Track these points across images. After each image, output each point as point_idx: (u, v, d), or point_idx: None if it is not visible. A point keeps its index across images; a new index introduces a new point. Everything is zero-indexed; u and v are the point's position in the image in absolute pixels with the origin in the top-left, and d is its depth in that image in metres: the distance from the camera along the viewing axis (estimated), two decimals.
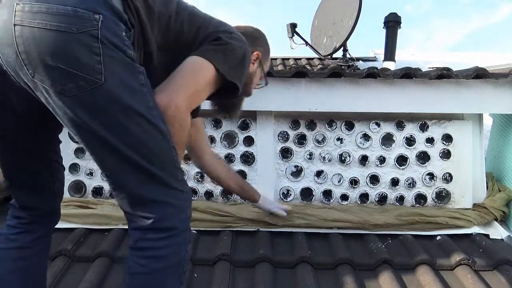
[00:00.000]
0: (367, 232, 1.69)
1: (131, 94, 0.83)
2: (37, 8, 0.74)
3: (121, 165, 0.85)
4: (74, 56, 0.75)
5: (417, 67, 1.74)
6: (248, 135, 1.85)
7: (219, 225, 1.70)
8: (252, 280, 1.41)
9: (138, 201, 0.88)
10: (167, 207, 0.89)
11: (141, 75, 0.85)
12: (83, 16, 0.75)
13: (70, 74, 0.76)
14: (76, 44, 0.75)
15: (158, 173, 0.87)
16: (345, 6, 2.52)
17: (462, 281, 1.42)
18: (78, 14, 0.75)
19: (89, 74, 0.77)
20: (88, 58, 0.76)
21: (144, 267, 0.88)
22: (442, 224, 1.70)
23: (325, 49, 2.76)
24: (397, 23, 2.57)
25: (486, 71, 1.70)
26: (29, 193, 1.06)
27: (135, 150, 0.84)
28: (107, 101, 0.80)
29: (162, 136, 0.88)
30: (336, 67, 1.75)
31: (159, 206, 0.88)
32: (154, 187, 0.88)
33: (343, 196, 1.85)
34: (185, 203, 0.94)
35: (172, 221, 0.90)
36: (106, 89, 0.79)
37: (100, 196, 1.85)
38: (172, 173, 0.91)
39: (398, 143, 1.85)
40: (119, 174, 0.87)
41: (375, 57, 3.35)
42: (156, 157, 0.88)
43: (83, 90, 0.77)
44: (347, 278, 1.40)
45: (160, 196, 0.88)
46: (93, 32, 0.76)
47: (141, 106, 0.84)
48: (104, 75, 0.78)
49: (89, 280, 1.36)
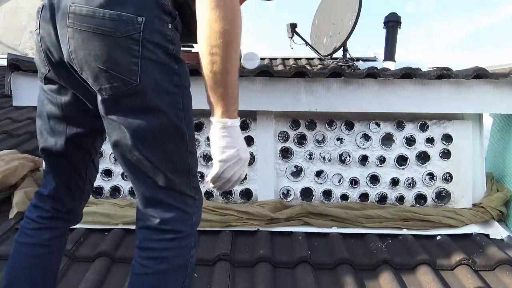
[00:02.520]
0: (367, 232, 1.69)
1: (163, 96, 0.85)
2: (85, 11, 0.80)
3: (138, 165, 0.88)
4: (114, 59, 0.81)
5: (417, 67, 1.74)
6: (248, 135, 1.85)
7: (219, 225, 1.70)
8: (252, 280, 1.41)
9: (148, 201, 0.91)
10: (175, 211, 0.90)
11: (176, 77, 0.88)
12: (127, 20, 0.80)
13: (109, 75, 0.81)
14: (118, 48, 0.80)
15: (172, 177, 0.89)
16: (345, 6, 2.52)
17: (462, 281, 1.42)
18: (122, 18, 0.80)
19: (125, 76, 0.81)
20: (126, 60, 0.81)
21: (146, 268, 0.89)
22: (435, 222, 1.70)
23: (325, 49, 2.76)
24: (397, 23, 2.58)
25: (486, 71, 1.70)
26: (61, 183, 1.06)
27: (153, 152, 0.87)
28: (140, 102, 0.84)
29: (182, 140, 0.90)
30: (336, 67, 1.75)
31: (167, 208, 0.90)
32: (166, 190, 0.90)
33: (343, 196, 1.85)
34: (194, 210, 0.95)
35: (178, 225, 0.91)
36: (140, 90, 0.83)
37: (100, 196, 1.85)
38: (186, 179, 0.93)
39: (398, 143, 1.85)
40: (137, 174, 0.90)
41: (375, 57, 3.35)
42: (173, 162, 0.89)
43: (119, 91, 0.82)
44: (347, 278, 1.41)
45: (170, 199, 0.90)
46: (135, 36, 0.80)
47: (170, 109, 0.87)
48: (140, 77, 0.82)
49: (89, 280, 1.36)
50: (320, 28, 2.95)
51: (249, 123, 1.85)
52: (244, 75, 1.71)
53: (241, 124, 1.83)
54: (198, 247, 0.91)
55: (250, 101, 1.76)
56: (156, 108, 0.85)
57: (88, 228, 1.69)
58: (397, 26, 2.60)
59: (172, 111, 0.88)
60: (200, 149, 1.85)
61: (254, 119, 1.84)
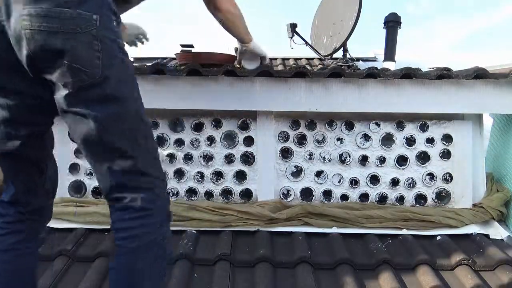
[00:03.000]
0: (367, 232, 1.69)
1: (123, 85, 0.95)
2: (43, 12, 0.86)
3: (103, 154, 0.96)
4: (78, 54, 0.87)
5: (417, 67, 1.74)
6: (248, 135, 1.85)
7: (219, 225, 1.70)
8: (252, 280, 1.41)
9: (118, 185, 0.97)
10: (143, 191, 0.98)
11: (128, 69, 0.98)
12: (86, 17, 0.87)
13: (74, 69, 0.87)
14: (80, 43, 0.87)
15: (138, 161, 0.97)
16: (345, 6, 2.52)
17: (462, 281, 1.42)
18: (81, 16, 0.87)
19: (89, 68, 0.89)
20: (89, 54, 0.88)
21: (120, 248, 0.97)
22: (435, 223, 1.70)
23: (325, 49, 2.76)
24: (397, 23, 2.58)
25: (486, 71, 1.70)
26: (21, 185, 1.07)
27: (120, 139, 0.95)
28: (103, 92, 0.91)
29: (145, 126, 1.00)
30: (336, 67, 1.75)
31: (136, 190, 0.97)
32: (134, 173, 0.97)
33: (343, 196, 1.85)
34: (160, 190, 1.02)
35: (146, 204, 0.98)
36: (103, 81, 0.91)
37: (100, 196, 1.85)
38: (151, 161, 1.01)
39: (398, 143, 1.85)
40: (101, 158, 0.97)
41: (375, 57, 3.35)
42: (138, 146, 0.97)
43: (83, 83, 0.89)
44: (347, 278, 1.41)
45: (138, 181, 0.98)
46: (93, 31, 0.89)
47: (131, 96, 0.97)
48: (102, 69, 0.90)
49: (89, 280, 1.37)
50: (320, 28, 2.95)
51: (249, 123, 1.85)
52: (245, 75, 1.71)
53: (241, 124, 1.84)
54: (198, 247, 0.92)
55: (250, 101, 1.76)
56: (118, 97, 0.93)
57: (88, 228, 1.69)
58: (397, 26, 2.59)
59: (132, 98, 0.97)
60: (200, 149, 1.85)
61: (254, 119, 1.84)
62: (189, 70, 1.68)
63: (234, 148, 1.85)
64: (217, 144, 1.85)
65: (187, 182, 1.85)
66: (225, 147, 1.86)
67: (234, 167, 1.85)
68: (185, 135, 1.86)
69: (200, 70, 1.68)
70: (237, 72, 1.69)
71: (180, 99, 1.75)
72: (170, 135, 1.85)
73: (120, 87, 0.94)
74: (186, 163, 1.85)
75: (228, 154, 1.85)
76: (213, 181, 1.84)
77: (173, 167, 1.85)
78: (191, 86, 1.74)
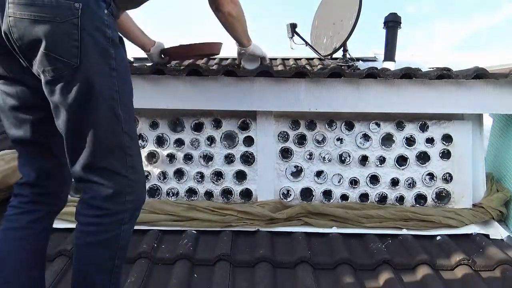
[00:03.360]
0: (367, 232, 1.69)
1: (100, 78, 0.94)
2: (24, 1, 0.86)
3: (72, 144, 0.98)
4: (56, 42, 0.88)
5: (417, 67, 1.74)
6: (248, 135, 1.85)
7: (219, 225, 1.70)
8: (252, 280, 1.41)
9: (82, 179, 1.00)
10: (105, 189, 0.98)
11: (112, 61, 0.96)
12: (65, 6, 0.88)
13: (52, 58, 0.89)
14: (59, 32, 0.88)
15: (105, 157, 0.97)
16: (345, 6, 2.52)
17: (462, 281, 1.42)
18: (60, 4, 0.88)
19: (66, 58, 0.89)
20: (67, 43, 0.89)
21: (78, 239, 1.01)
22: (435, 223, 1.70)
23: (325, 49, 2.76)
24: (397, 23, 2.57)
25: (486, 71, 1.70)
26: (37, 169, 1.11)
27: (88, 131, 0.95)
28: (79, 83, 0.91)
29: (117, 121, 0.98)
30: (336, 67, 1.75)
31: (97, 186, 0.98)
32: (99, 169, 0.98)
33: (343, 196, 1.85)
34: (125, 189, 1.01)
35: (105, 203, 0.98)
36: (81, 72, 0.91)
37: None
38: (121, 158, 1.00)
39: (398, 143, 1.85)
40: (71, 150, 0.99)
41: (375, 57, 3.35)
42: (107, 142, 0.97)
43: (60, 72, 0.90)
44: (347, 278, 1.41)
45: (101, 178, 0.98)
46: (74, 20, 0.88)
47: (107, 90, 0.95)
48: (80, 59, 0.90)
49: None
50: (320, 28, 2.95)
51: (249, 123, 1.85)
52: (245, 75, 1.71)
53: (241, 124, 1.84)
54: (198, 247, 0.92)
55: (250, 101, 1.76)
56: (93, 89, 0.92)
57: None
58: (397, 26, 2.59)
59: (108, 93, 0.95)
60: (200, 149, 1.85)
61: (254, 119, 1.84)
62: (189, 70, 1.68)
63: (234, 148, 1.85)
64: (217, 144, 1.85)
65: (187, 182, 1.85)
66: (225, 147, 1.85)
67: (234, 167, 1.85)
68: (185, 135, 1.86)
69: (200, 70, 1.68)
70: (237, 72, 1.69)
71: (180, 99, 1.75)
72: (170, 135, 1.85)
73: (98, 79, 0.93)
74: (186, 163, 1.85)
75: (228, 154, 1.85)
76: (213, 181, 1.84)
77: (173, 167, 1.85)
78: (191, 86, 1.74)
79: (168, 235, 1.66)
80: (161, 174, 1.84)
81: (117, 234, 1.00)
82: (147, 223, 1.69)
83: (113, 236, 1.00)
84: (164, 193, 1.85)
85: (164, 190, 1.85)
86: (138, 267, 1.45)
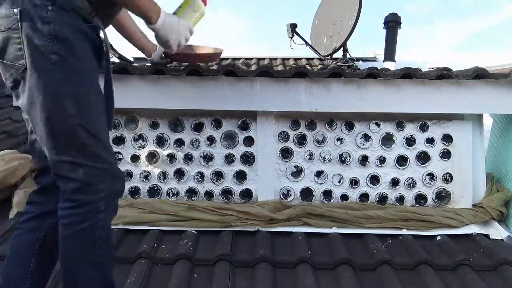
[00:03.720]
0: (367, 232, 1.69)
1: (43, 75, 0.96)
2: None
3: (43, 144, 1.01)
4: (6, 50, 0.96)
5: (417, 67, 1.74)
6: (248, 135, 1.85)
7: (219, 225, 1.70)
8: (252, 280, 1.41)
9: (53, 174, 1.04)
10: (72, 182, 1.01)
11: (53, 55, 0.97)
12: (6, 15, 0.94)
13: (7, 65, 0.98)
14: (5, 40, 0.95)
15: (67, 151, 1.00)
16: (345, 7, 2.52)
17: (462, 281, 1.42)
18: (1, 13, 0.95)
19: (15, 62, 0.96)
20: (13, 48, 0.95)
21: (59, 234, 1.05)
22: (435, 223, 1.70)
23: (325, 49, 2.76)
24: (397, 23, 2.57)
25: (486, 71, 1.70)
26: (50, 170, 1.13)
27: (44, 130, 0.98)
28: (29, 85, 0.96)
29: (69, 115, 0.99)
30: (336, 67, 1.75)
31: (66, 180, 1.02)
32: (64, 163, 1.01)
33: (343, 196, 1.85)
34: (97, 178, 1.03)
35: (76, 195, 1.01)
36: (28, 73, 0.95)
37: None
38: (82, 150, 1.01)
39: (398, 143, 1.85)
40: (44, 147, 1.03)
41: (375, 57, 3.34)
42: (62, 136, 1.00)
43: (14, 77, 0.98)
44: (347, 278, 1.41)
45: (68, 172, 1.01)
46: (15, 25, 0.94)
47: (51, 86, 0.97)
48: (26, 61, 0.95)
49: None
50: (320, 28, 2.95)
51: (249, 123, 1.85)
52: (245, 75, 1.71)
53: (241, 124, 1.84)
54: (198, 247, 0.91)
55: (250, 101, 1.76)
56: (39, 87, 0.96)
57: None
58: (397, 26, 2.59)
59: (54, 88, 0.97)
60: (200, 149, 1.85)
61: (254, 119, 1.84)
62: (189, 70, 1.68)
63: (234, 148, 1.85)
64: (217, 144, 1.85)
65: (187, 182, 1.85)
66: (225, 147, 1.85)
67: (234, 167, 1.85)
68: (185, 135, 1.86)
69: (200, 70, 1.68)
70: (237, 72, 1.69)
71: (180, 99, 1.75)
72: (170, 135, 1.85)
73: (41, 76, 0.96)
74: (186, 163, 1.85)
75: (228, 154, 1.85)
76: (213, 181, 1.84)
77: (173, 167, 1.85)
78: (191, 86, 1.74)
79: (168, 235, 1.66)
80: (161, 174, 1.84)
81: (93, 223, 1.03)
82: (147, 223, 1.69)
83: (89, 226, 1.02)
84: (164, 193, 1.85)
85: (164, 190, 1.85)
86: (138, 267, 1.45)
